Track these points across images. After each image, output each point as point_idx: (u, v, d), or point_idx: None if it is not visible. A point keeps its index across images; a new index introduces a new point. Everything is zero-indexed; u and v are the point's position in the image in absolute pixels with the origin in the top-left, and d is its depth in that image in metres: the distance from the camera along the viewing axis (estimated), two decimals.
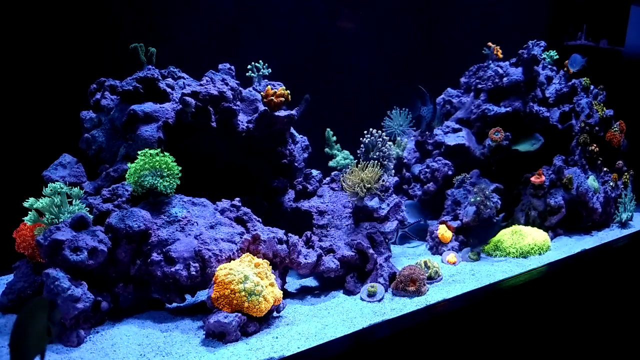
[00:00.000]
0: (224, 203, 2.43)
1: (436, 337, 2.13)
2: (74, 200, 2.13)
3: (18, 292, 2.16)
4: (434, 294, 2.36)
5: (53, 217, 2.04)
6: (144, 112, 2.46)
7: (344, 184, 2.59)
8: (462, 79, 3.87)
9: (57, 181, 2.25)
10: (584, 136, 3.60)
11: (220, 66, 2.82)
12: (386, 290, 2.37)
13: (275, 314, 2.11)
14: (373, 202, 2.62)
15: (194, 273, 2.04)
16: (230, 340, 1.86)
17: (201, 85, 2.59)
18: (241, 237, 2.22)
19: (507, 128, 3.44)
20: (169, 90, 2.60)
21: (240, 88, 2.75)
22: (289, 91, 2.75)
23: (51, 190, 2.07)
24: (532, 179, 3.36)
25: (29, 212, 2.07)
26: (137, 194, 2.23)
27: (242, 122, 2.68)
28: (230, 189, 2.75)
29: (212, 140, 2.72)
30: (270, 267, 2.13)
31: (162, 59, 2.71)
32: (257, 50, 3.42)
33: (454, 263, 2.85)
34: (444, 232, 3.05)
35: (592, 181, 3.52)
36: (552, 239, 3.29)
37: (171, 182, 2.21)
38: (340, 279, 2.43)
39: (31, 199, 2.05)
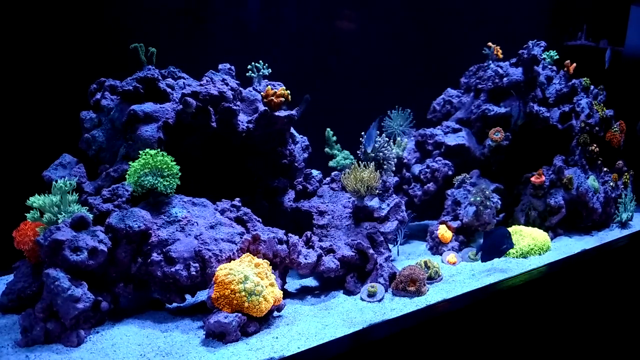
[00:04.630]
0: (224, 203, 2.43)
1: (436, 337, 2.13)
2: (58, 193, 2.11)
3: (18, 292, 2.16)
4: (434, 294, 2.36)
5: (52, 216, 2.04)
6: (144, 112, 2.46)
7: (345, 181, 2.59)
8: (462, 79, 3.87)
9: (57, 181, 2.25)
10: (584, 136, 3.60)
11: (220, 66, 2.82)
12: (386, 291, 2.37)
13: (275, 314, 2.11)
14: (373, 202, 2.62)
15: (194, 273, 2.04)
16: (231, 341, 1.86)
17: (201, 85, 2.59)
18: (241, 237, 2.22)
19: (507, 128, 3.44)
20: (169, 90, 2.60)
21: (241, 88, 2.75)
22: (289, 91, 2.75)
23: (59, 187, 2.07)
24: (532, 179, 3.36)
25: (31, 211, 2.07)
26: (137, 194, 2.23)
27: (242, 122, 2.68)
28: (230, 189, 2.75)
29: (212, 140, 2.72)
30: (270, 267, 2.13)
31: (162, 59, 2.71)
32: (257, 50, 3.42)
33: (454, 263, 2.85)
34: (444, 232, 3.05)
35: (592, 181, 3.52)
36: (552, 239, 3.29)
37: (171, 182, 2.21)
38: (340, 279, 2.43)
39: (33, 198, 2.05)
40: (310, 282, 2.60)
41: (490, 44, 3.69)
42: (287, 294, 2.35)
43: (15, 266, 2.25)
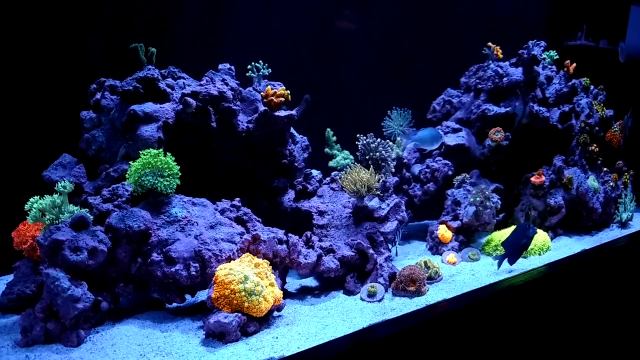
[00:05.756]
0: (224, 203, 2.43)
1: (436, 337, 2.13)
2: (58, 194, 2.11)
3: (18, 292, 2.16)
4: (434, 294, 2.36)
5: (53, 217, 2.04)
6: (144, 112, 2.46)
7: (343, 182, 2.59)
8: (462, 79, 3.87)
9: (58, 181, 2.25)
10: (584, 136, 3.60)
11: (220, 66, 2.82)
12: (386, 290, 2.37)
13: (275, 314, 2.11)
14: (373, 202, 2.62)
15: (193, 273, 2.04)
16: (230, 340, 1.86)
17: (201, 85, 2.59)
18: (241, 237, 2.22)
19: (507, 128, 3.44)
20: (169, 90, 2.60)
21: (240, 88, 2.75)
22: (289, 91, 2.75)
23: (61, 187, 2.07)
24: (532, 179, 3.36)
25: (31, 211, 2.07)
26: (137, 194, 2.23)
27: (242, 122, 2.68)
28: (230, 189, 2.75)
29: (212, 141, 2.72)
30: (270, 267, 2.13)
31: (162, 59, 2.71)
32: (257, 50, 3.42)
33: (454, 263, 2.85)
34: (444, 232, 3.05)
35: (592, 181, 3.52)
36: (552, 239, 3.29)
37: (171, 182, 2.21)
38: (340, 279, 2.43)
39: (31, 201, 2.05)
40: (310, 282, 2.60)
41: (490, 44, 3.69)
42: (287, 294, 2.35)
43: (15, 266, 2.25)
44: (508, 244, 2.67)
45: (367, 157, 2.73)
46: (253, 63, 2.91)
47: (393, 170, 2.85)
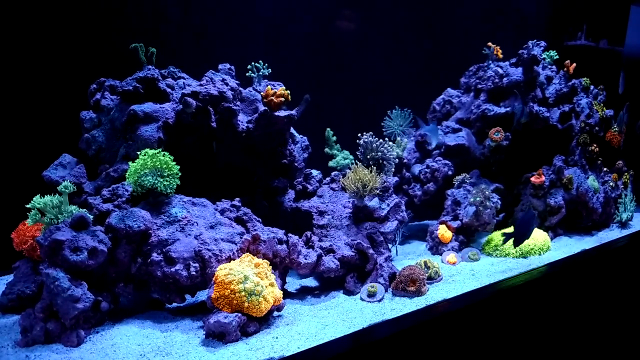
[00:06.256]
0: (224, 203, 2.43)
1: (436, 337, 2.13)
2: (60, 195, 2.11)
3: (18, 292, 2.16)
4: (434, 294, 2.36)
5: (52, 217, 2.04)
6: (144, 112, 2.46)
7: (345, 182, 2.59)
8: (462, 79, 3.87)
9: (58, 181, 2.25)
10: (584, 136, 3.60)
11: (220, 66, 2.82)
12: (386, 291, 2.37)
13: (275, 314, 2.11)
14: (373, 202, 2.62)
15: (193, 273, 2.04)
16: (230, 340, 1.86)
17: (201, 85, 2.59)
18: (241, 237, 2.22)
19: (507, 128, 3.44)
20: (169, 90, 2.61)
21: (240, 88, 2.75)
22: (289, 91, 2.75)
23: (63, 188, 2.07)
24: (532, 179, 3.36)
25: (31, 212, 2.07)
26: (137, 194, 2.23)
27: (242, 122, 2.68)
28: (230, 189, 2.75)
29: (212, 141, 2.72)
30: (270, 267, 2.13)
31: (162, 59, 2.71)
32: (257, 50, 3.42)
33: (454, 263, 2.85)
34: (444, 232, 3.05)
35: (592, 181, 3.52)
36: (552, 239, 3.29)
37: (171, 182, 2.21)
38: (340, 279, 2.43)
39: (34, 200, 2.05)
40: (310, 282, 2.60)
41: (490, 44, 3.69)
42: (287, 294, 2.35)
43: (15, 266, 2.25)
44: (517, 226, 2.65)
45: (368, 156, 2.73)
46: (253, 63, 2.91)
47: (394, 170, 2.85)
